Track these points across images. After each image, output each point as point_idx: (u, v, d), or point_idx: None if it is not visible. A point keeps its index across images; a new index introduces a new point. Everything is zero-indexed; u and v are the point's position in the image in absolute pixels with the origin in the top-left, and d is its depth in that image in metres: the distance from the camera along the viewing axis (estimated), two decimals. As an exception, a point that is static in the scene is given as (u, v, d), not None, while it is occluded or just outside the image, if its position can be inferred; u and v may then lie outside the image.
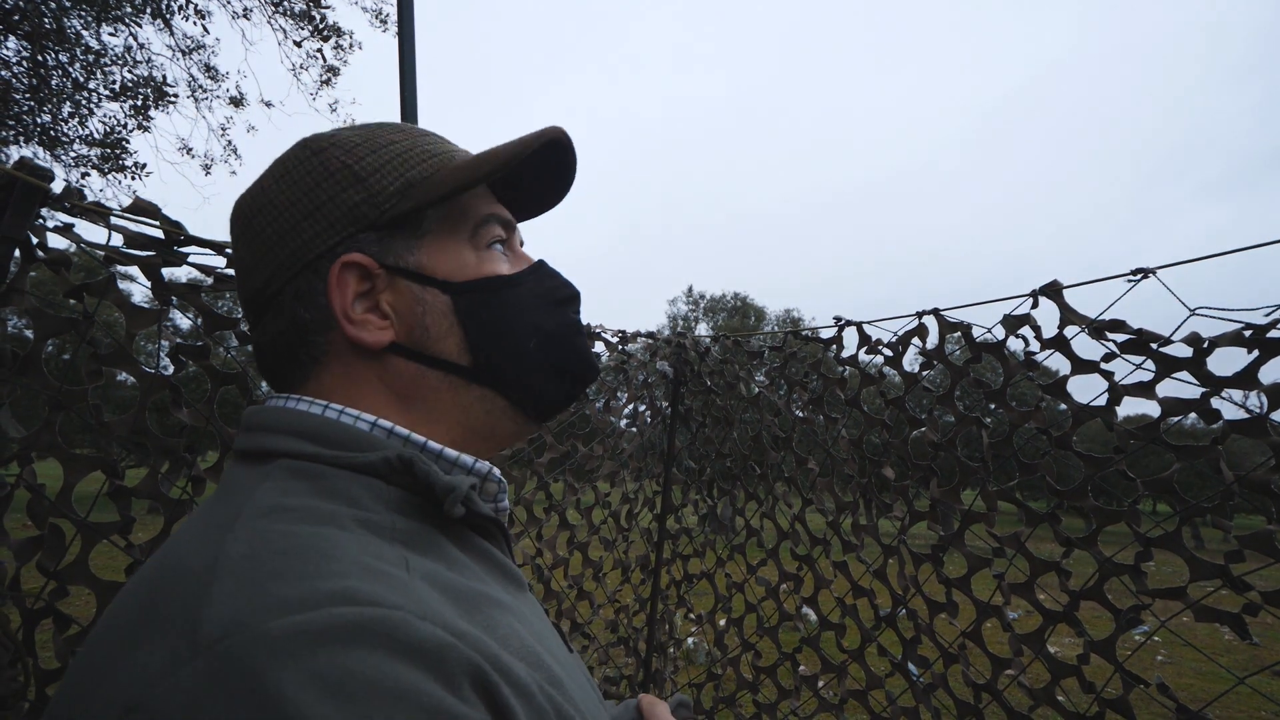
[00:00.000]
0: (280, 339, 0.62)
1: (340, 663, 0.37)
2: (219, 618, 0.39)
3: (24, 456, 1.40)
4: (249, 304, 0.64)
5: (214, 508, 0.51)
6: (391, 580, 0.44)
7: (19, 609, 1.38)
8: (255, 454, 0.56)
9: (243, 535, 0.45)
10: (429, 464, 0.54)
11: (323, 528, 0.47)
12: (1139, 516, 1.60)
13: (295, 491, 0.50)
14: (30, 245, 1.39)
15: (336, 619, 0.39)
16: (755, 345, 3.09)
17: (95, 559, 1.47)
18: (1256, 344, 1.39)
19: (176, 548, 0.47)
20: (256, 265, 0.62)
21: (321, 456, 0.54)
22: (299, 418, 0.57)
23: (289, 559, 0.43)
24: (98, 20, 7.71)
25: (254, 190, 0.64)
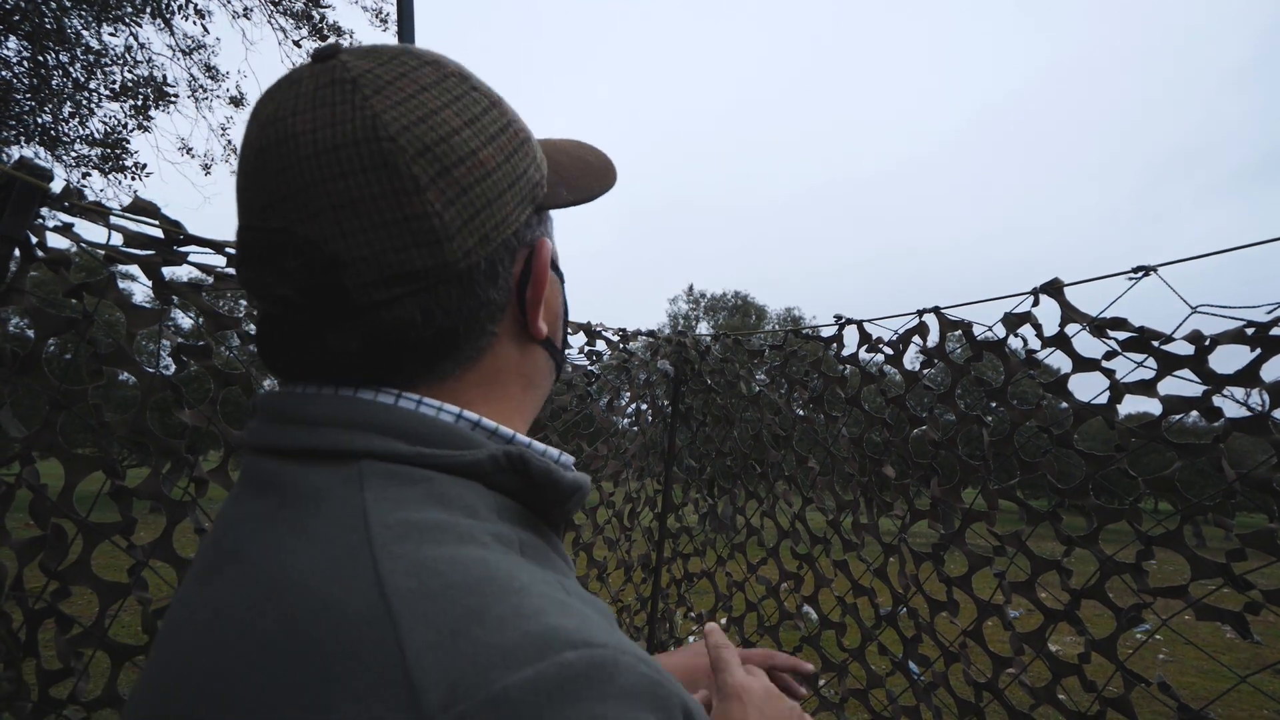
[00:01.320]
0: (461, 323, 0.52)
1: (593, 716, 0.35)
2: (437, 678, 0.35)
3: (25, 456, 1.40)
4: (422, 274, 0.50)
5: (307, 521, 0.44)
6: (576, 612, 0.41)
7: (21, 609, 1.38)
8: (325, 453, 0.48)
9: (398, 565, 0.39)
10: (546, 461, 0.51)
11: (471, 548, 0.42)
12: (1140, 515, 1.60)
13: (410, 502, 0.45)
14: (30, 245, 1.39)
15: (568, 669, 0.36)
16: (756, 344, 3.09)
17: (97, 559, 1.47)
18: (1258, 342, 1.38)
19: (297, 577, 0.41)
20: (461, 229, 0.50)
21: (422, 457, 0.48)
22: (381, 410, 0.50)
23: (475, 595, 0.38)
24: (98, 20, 7.71)
25: (438, 126, 0.50)
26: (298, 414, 0.50)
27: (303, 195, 0.48)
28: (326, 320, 0.50)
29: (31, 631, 1.37)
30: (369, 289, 0.48)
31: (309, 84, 0.49)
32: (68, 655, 1.44)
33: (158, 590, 1.59)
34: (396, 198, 0.48)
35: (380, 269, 0.48)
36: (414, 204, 0.48)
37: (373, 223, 0.48)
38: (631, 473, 3.31)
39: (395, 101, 0.49)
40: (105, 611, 1.49)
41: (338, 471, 0.46)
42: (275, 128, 0.49)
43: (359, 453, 0.47)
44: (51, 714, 1.40)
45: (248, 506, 0.48)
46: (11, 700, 1.34)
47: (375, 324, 0.49)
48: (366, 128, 0.48)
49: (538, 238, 0.57)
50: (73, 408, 1.44)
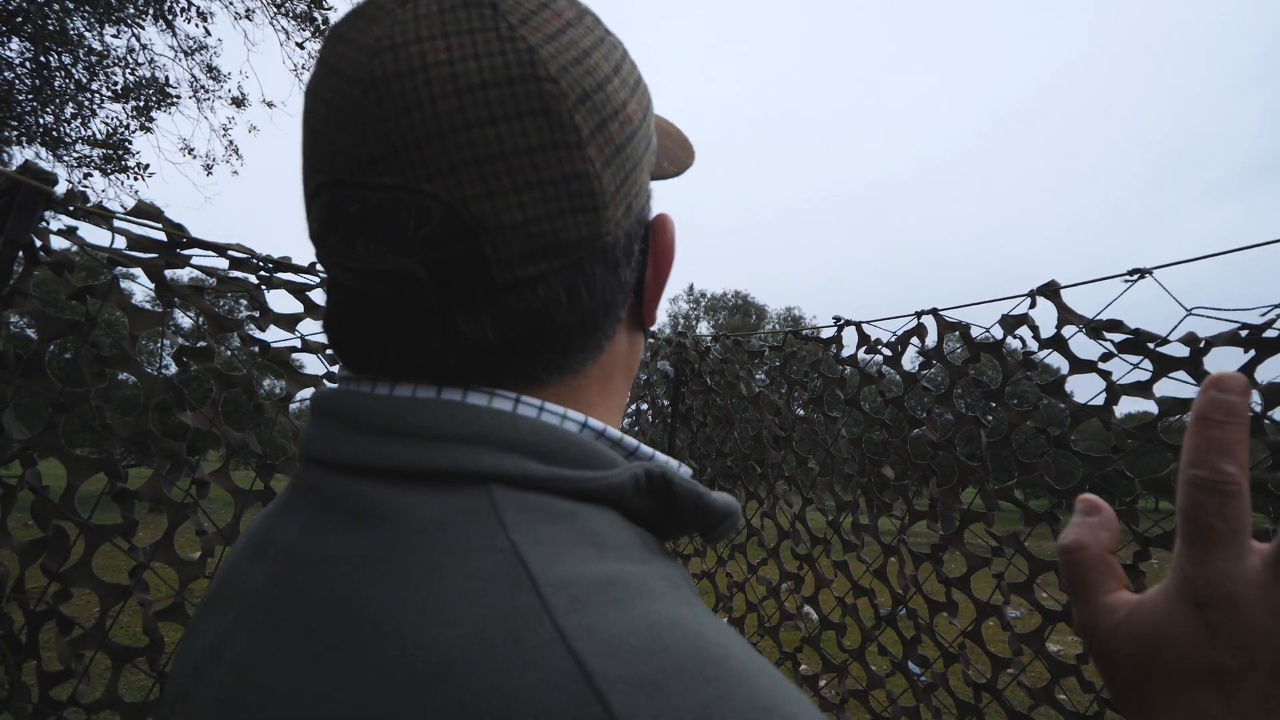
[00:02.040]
0: (602, 307, 0.44)
1: None
2: None
3: (27, 457, 1.41)
4: (575, 245, 0.41)
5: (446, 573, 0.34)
6: (785, 683, 0.33)
7: (23, 610, 1.39)
8: (441, 475, 0.38)
9: (594, 645, 0.31)
10: (689, 481, 0.43)
11: (656, 605, 0.34)
12: (1137, 515, 1.61)
13: (566, 547, 0.36)
14: (33, 248, 1.40)
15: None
16: (756, 345, 3.09)
17: (98, 561, 1.48)
18: (1253, 344, 1.39)
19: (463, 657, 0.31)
20: (615, 194, 0.42)
21: (560, 481, 0.39)
22: (506, 421, 0.40)
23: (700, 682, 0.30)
24: (100, 21, 7.73)
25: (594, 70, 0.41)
26: (399, 424, 0.40)
27: (437, 143, 0.37)
28: (456, 301, 0.40)
29: (32, 633, 1.38)
30: (514, 263, 0.39)
31: (430, 4, 0.39)
32: (68, 657, 1.44)
33: (158, 592, 1.60)
34: (557, 152, 0.39)
35: (531, 239, 0.39)
36: (576, 161, 0.39)
37: (528, 181, 0.38)
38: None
39: (548, 36, 0.39)
40: (106, 613, 1.49)
41: (461, 500, 0.37)
42: (394, 56, 0.37)
43: (486, 475, 0.38)
44: (52, 715, 1.41)
45: (336, 541, 0.38)
46: (12, 702, 1.35)
47: (516, 307, 0.40)
48: (523, 64, 0.38)
49: (653, 213, 0.48)
50: (75, 409, 1.45)
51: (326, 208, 0.40)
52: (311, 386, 1.89)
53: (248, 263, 1.74)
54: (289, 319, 1.85)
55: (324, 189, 0.40)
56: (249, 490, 1.71)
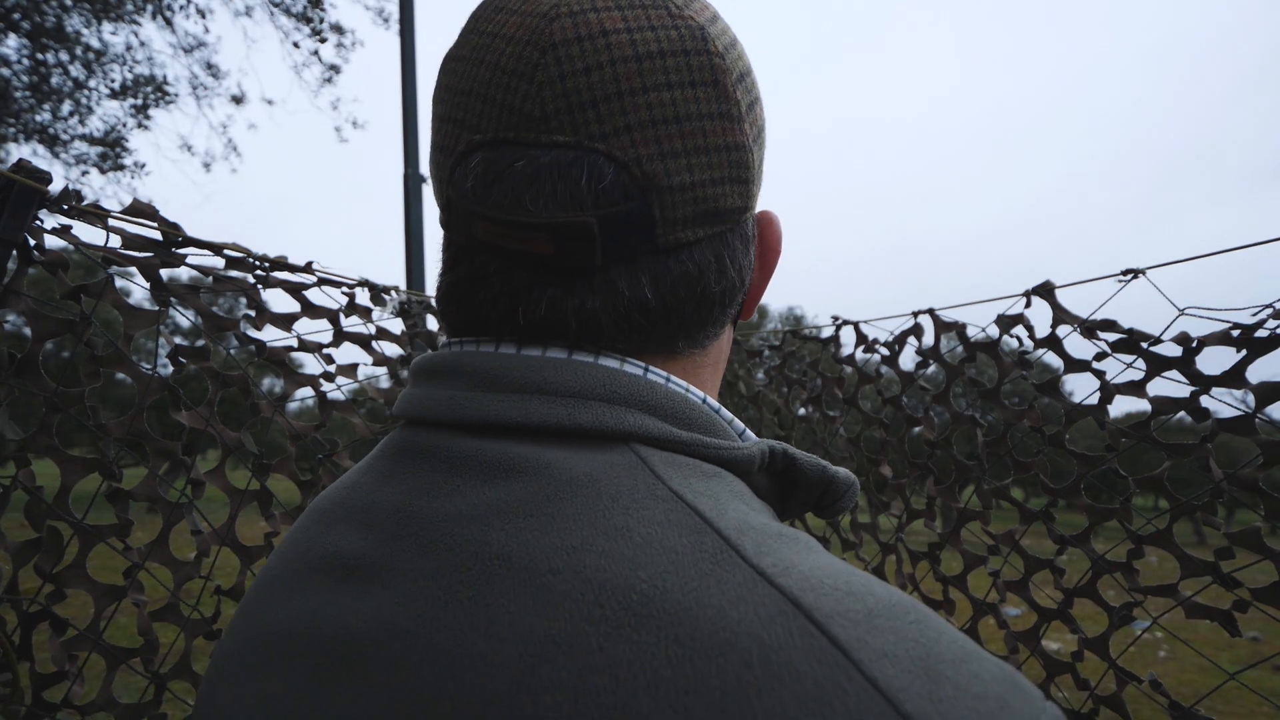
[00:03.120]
0: (735, 279, 0.45)
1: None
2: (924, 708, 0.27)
3: (21, 458, 1.41)
4: (729, 214, 0.43)
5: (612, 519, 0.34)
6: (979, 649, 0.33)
7: (16, 612, 1.39)
8: (585, 432, 0.39)
9: (791, 580, 0.31)
10: (810, 456, 0.44)
11: (825, 557, 0.35)
12: (1131, 514, 1.61)
13: (721, 498, 0.37)
14: (27, 247, 1.40)
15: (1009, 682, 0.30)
16: (755, 344, 3.09)
17: (92, 561, 1.48)
18: (1244, 343, 1.39)
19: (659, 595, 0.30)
20: (758, 171, 0.44)
21: (701, 445, 0.40)
22: (643, 387, 0.41)
23: (904, 622, 0.30)
24: (98, 18, 7.73)
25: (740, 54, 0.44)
26: (539, 381, 0.40)
27: (614, 104, 0.39)
28: (620, 260, 0.40)
29: (26, 634, 1.38)
30: (678, 225, 0.41)
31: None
32: (62, 658, 1.44)
33: (154, 592, 1.60)
34: (725, 121, 0.41)
35: (696, 202, 0.41)
36: (736, 133, 0.41)
37: (698, 146, 0.40)
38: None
39: (710, 19, 0.42)
40: (101, 614, 1.49)
41: (607, 456, 0.38)
42: (573, 21, 0.39)
43: (630, 434, 0.39)
44: (45, 717, 1.41)
45: (475, 499, 0.37)
46: (5, 704, 1.35)
47: (674, 270, 0.41)
48: (696, 38, 0.40)
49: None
50: (69, 409, 1.45)
51: (487, 164, 0.40)
52: (308, 386, 1.89)
53: (244, 262, 1.74)
54: (285, 318, 1.85)
55: (482, 147, 0.41)
56: (245, 490, 1.71)
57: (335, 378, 1.95)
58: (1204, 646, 1.91)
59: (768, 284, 0.50)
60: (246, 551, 1.72)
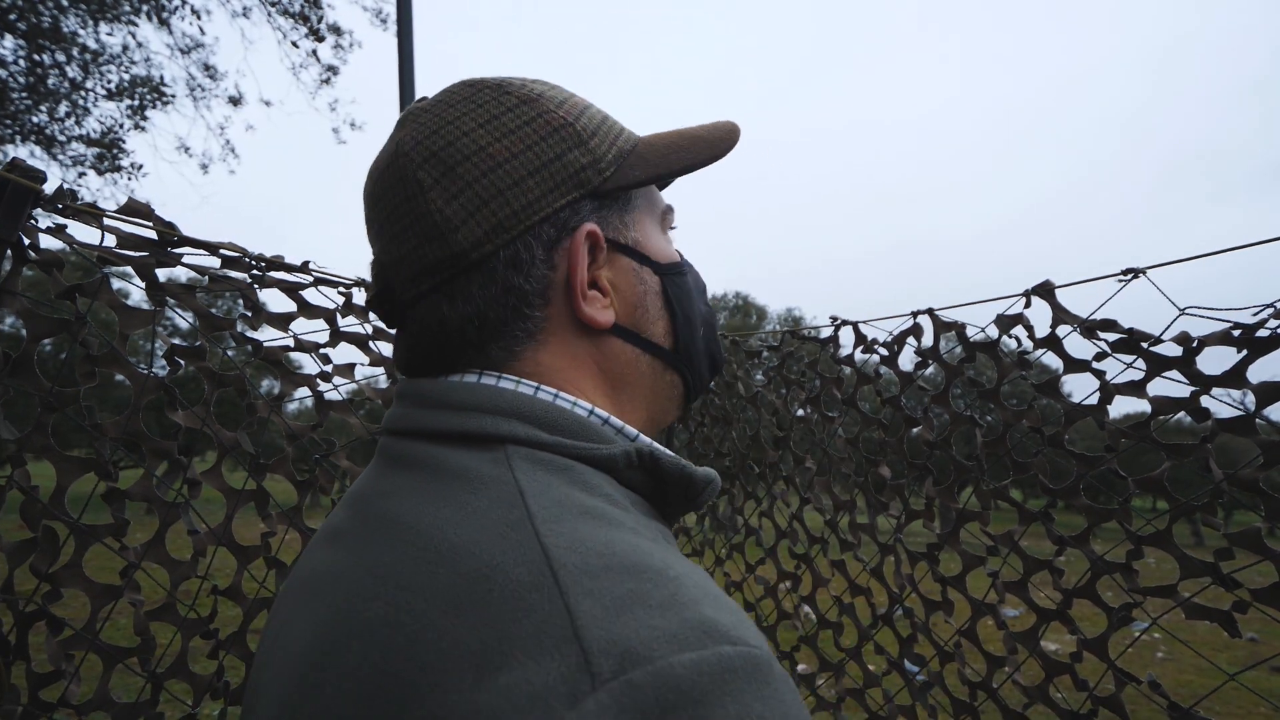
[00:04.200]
0: (489, 310, 0.55)
1: (751, 713, 0.36)
2: (607, 646, 0.36)
3: (17, 458, 1.41)
4: (438, 266, 0.55)
5: (463, 496, 0.46)
6: (729, 607, 0.42)
7: (12, 612, 1.38)
8: (471, 436, 0.51)
9: (559, 541, 0.42)
10: (675, 457, 0.53)
11: (623, 533, 0.44)
12: (1130, 514, 1.61)
13: (557, 486, 0.47)
14: (22, 246, 1.39)
15: (728, 662, 0.37)
16: (754, 345, 3.09)
17: (89, 561, 1.47)
18: (1245, 343, 1.39)
19: (464, 545, 0.43)
20: (465, 221, 0.54)
21: (561, 446, 0.50)
22: (522, 401, 0.53)
23: (634, 579, 0.40)
24: (95, 19, 7.71)
25: (448, 133, 0.56)
26: (444, 400, 0.54)
27: (371, 222, 0.60)
28: (396, 318, 0.59)
29: (22, 634, 1.37)
30: (407, 285, 0.57)
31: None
32: (58, 658, 1.44)
33: (150, 592, 1.60)
34: (409, 202, 0.55)
35: (410, 266, 0.56)
36: (420, 204, 0.55)
37: (399, 228, 0.56)
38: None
39: (418, 124, 0.57)
40: (97, 614, 1.49)
41: (483, 454, 0.49)
42: (366, 176, 0.61)
43: (504, 438, 0.50)
44: (42, 717, 1.40)
45: (395, 480, 0.52)
46: (1, 703, 1.34)
47: (419, 314, 0.57)
48: (391, 153, 0.57)
49: (581, 223, 0.57)
50: (65, 409, 1.44)
51: None
52: (305, 386, 1.89)
53: (240, 261, 1.73)
54: (282, 318, 1.84)
55: None
56: (241, 490, 1.70)
57: (332, 378, 1.94)
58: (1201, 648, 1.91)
59: (578, 285, 0.57)
60: (243, 551, 1.71)
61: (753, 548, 3.12)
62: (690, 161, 0.62)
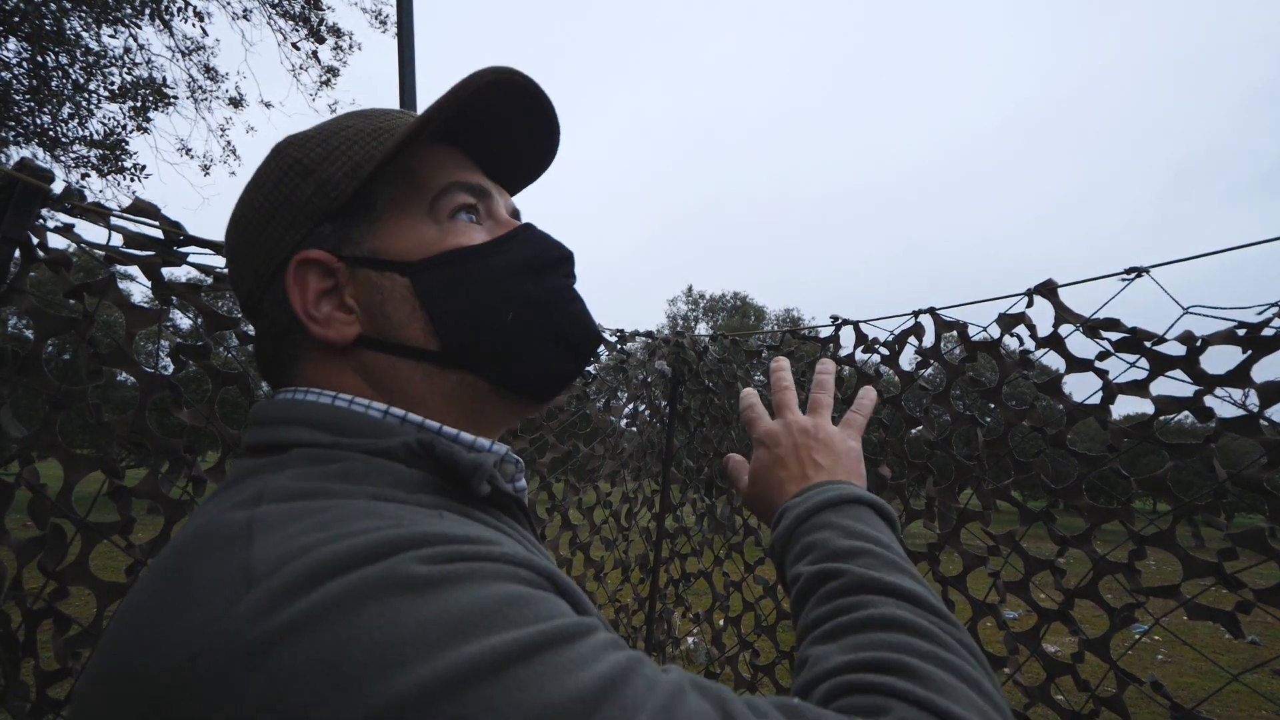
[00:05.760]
0: (264, 342, 0.64)
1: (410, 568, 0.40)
2: (268, 556, 0.40)
3: (25, 456, 1.41)
4: (244, 312, 0.66)
5: (229, 494, 0.51)
6: (435, 518, 0.47)
7: (20, 609, 1.39)
8: (268, 447, 0.56)
9: (275, 506, 0.45)
10: (450, 445, 0.54)
11: (355, 502, 0.48)
12: (1132, 514, 1.61)
13: (316, 476, 0.51)
14: (30, 245, 1.40)
15: (384, 538, 0.41)
16: (753, 344, 3.10)
17: (95, 559, 1.48)
18: (1249, 342, 1.39)
19: (199, 527, 0.46)
20: (241, 276, 0.64)
21: (340, 445, 0.54)
22: (311, 408, 0.57)
23: (321, 514, 0.44)
24: (98, 21, 7.72)
25: (236, 204, 0.66)
26: (258, 417, 0.59)
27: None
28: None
29: (30, 631, 1.38)
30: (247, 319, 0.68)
31: None
32: (65, 655, 1.44)
33: (156, 590, 1.60)
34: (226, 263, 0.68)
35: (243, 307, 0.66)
36: (227, 266, 0.68)
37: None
38: (629, 473, 3.32)
39: (237, 204, 0.66)
40: (104, 611, 1.49)
41: (273, 459, 0.54)
42: None
43: (291, 443, 0.54)
44: (50, 714, 1.41)
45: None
46: (9, 700, 1.35)
47: (255, 348, 0.67)
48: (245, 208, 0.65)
49: (295, 253, 0.61)
50: (72, 408, 1.45)
51: None
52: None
53: (245, 261, 1.73)
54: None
55: None
56: (246, 489, 1.71)
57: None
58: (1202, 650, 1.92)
59: (299, 309, 0.60)
60: (248, 551, 1.71)
61: (752, 548, 3.12)
62: (410, 133, 0.58)
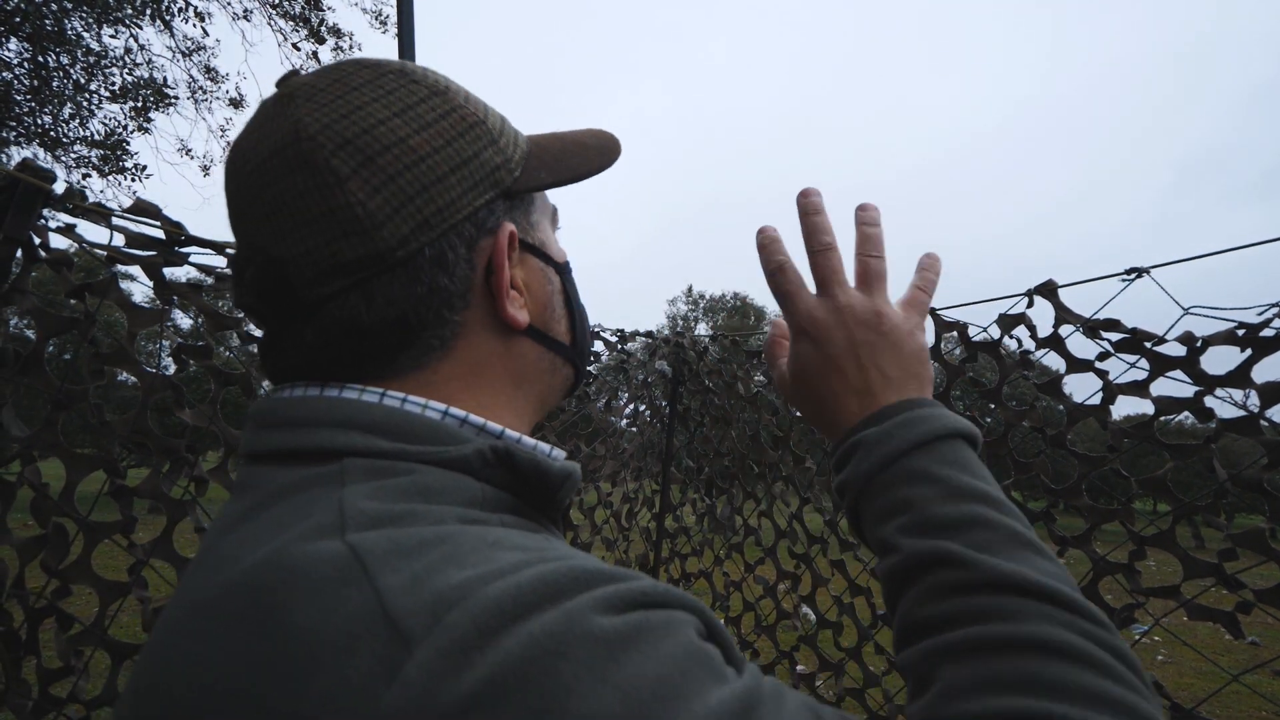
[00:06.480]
0: (410, 312, 0.52)
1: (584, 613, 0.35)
2: (414, 608, 0.34)
3: (27, 455, 1.41)
4: (356, 265, 0.50)
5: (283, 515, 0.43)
6: (560, 554, 0.41)
7: (22, 607, 1.39)
8: (308, 454, 0.48)
9: (370, 535, 0.39)
10: (532, 453, 0.50)
11: (449, 526, 0.42)
12: (1133, 515, 1.61)
13: (393, 493, 0.44)
14: (32, 245, 1.40)
15: (547, 575, 0.36)
16: (754, 344, 3.10)
17: (97, 558, 1.48)
18: (1249, 343, 1.39)
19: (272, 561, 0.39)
20: (391, 217, 0.50)
21: (404, 453, 0.47)
22: (361, 409, 0.49)
23: (447, 546, 0.39)
24: (99, 22, 7.73)
25: (361, 119, 0.51)
26: (280, 417, 0.50)
27: (251, 209, 0.51)
28: (285, 320, 0.52)
29: (32, 630, 1.38)
30: (312, 284, 0.50)
31: (260, 110, 0.53)
32: (68, 654, 1.44)
33: (158, 589, 1.60)
34: (319, 192, 0.49)
35: (317, 264, 0.50)
36: (336, 196, 0.49)
37: (302, 220, 0.49)
38: (629, 473, 3.32)
39: (320, 105, 0.51)
40: (105, 610, 1.50)
41: (318, 470, 0.46)
42: (231, 156, 0.54)
43: (341, 451, 0.47)
44: (52, 712, 1.41)
45: (227, 510, 0.49)
46: (11, 698, 1.35)
47: (325, 318, 0.51)
48: (289, 133, 0.50)
49: (499, 223, 0.56)
50: (74, 407, 1.45)
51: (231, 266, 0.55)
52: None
53: (247, 261, 1.74)
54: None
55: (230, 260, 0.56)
56: (248, 488, 1.71)
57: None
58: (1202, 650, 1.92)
59: (505, 287, 0.56)
60: (249, 550, 1.72)
61: (752, 548, 3.13)
62: (586, 169, 0.62)
